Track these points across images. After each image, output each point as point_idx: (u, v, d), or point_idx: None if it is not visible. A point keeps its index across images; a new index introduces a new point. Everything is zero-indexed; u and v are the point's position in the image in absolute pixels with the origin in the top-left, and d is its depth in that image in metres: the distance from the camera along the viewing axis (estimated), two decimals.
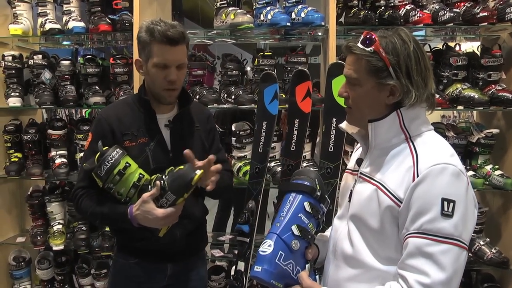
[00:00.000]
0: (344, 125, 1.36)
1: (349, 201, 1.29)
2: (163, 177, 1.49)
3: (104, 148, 1.54)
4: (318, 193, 1.26)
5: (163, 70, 1.59)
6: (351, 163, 1.41)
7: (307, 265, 1.26)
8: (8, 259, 2.81)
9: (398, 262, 1.13)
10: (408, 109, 1.18)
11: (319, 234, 1.44)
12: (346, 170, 1.42)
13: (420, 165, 1.12)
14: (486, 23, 2.22)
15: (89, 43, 3.16)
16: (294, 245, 1.21)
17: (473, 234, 2.28)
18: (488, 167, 2.38)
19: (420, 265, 1.07)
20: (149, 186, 1.52)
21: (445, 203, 1.07)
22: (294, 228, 1.22)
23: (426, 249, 1.07)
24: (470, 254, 2.35)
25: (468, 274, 2.50)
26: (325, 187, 1.32)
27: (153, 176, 1.55)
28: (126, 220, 1.53)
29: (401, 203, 1.12)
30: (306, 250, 1.25)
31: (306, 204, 1.25)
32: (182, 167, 1.49)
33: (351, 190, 1.30)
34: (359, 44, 1.18)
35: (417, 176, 1.10)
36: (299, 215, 1.24)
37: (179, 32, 1.57)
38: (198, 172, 1.45)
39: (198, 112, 1.84)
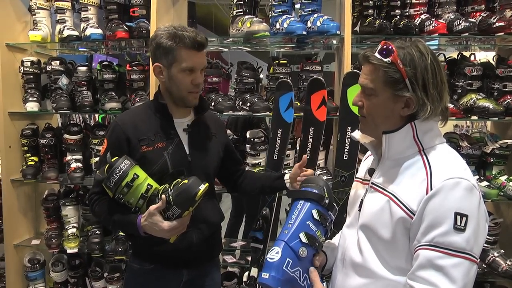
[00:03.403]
0: (356, 134, 1.36)
1: (359, 210, 1.29)
2: (169, 190, 1.50)
3: (113, 160, 1.55)
4: (326, 201, 1.27)
5: (190, 74, 1.64)
6: (360, 172, 1.41)
7: None
8: (24, 261, 2.85)
9: (408, 273, 1.13)
10: (422, 121, 1.18)
11: (327, 241, 1.44)
12: (356, 179, 1.42)
13: (433, 178, 1.12)
14: (502, 33, 2.22)
15: (104, 49, 3.21)
16: (301, 252, 1.21)
17: (487, 246, 2.32)
18: (503, 178, 2.37)
19: (431, 277, 1.07)
20: (157, 198, 1.53)
21: (458, 217, 1.07)
22: (302, 235, 1.23)
23: (438, 261, 1.07)
24: (484, 266, 2.33)
25: (481, 286, 2.48)
26: (333, 195, 1.33)
27: (161, 187, 1.57)
28: (134, 228, 1.57)
29: (414, 215, 1.12)
30: (313, 257, 1.25)
31: (314, 211, 1.26)
32: (186, 180, 1.49)
33: (362, 200, 1.30)
34: (376, 54, 1.18)
35: (431, 189, 1.10)
36: (307, 222, 1.25)
37: (204, 38, 1.64)
38: (202, 186, 1.47)
39: (214, 120, 1.89)
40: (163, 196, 1.50)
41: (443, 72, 1.20)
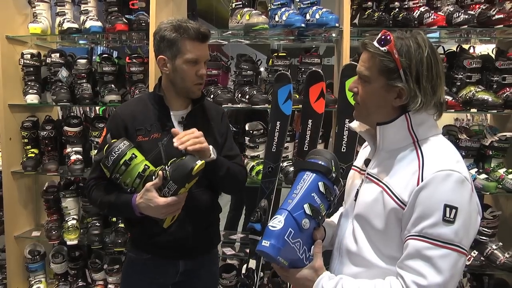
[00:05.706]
0: (353, 124, 1.37)
1: (355, 200, 1.31)
2: (166, 167, 1.54)
3: (112, 141, 1.60)
4: (334, 175, 1.26)
5: (194, 65, 1.67)
6: (358, 161, 1.42)
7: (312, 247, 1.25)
8: (24, 253, 2.87)
9: (397, 261, 1.15)
10: (416, 113, 1.19)
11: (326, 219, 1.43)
12: (353, 167, 1.42)
13: (425, 170, 1.13)
14: (502, 26, 2.21)
15: (104, 42, 3.21)
16: (304, 224, 1.20)
17: (485, 238, 2.33)
18: (501, 171, 2.37)
19: (418, 267, 1.10)
20: (153, 177, 1.56)
21: (448, 209, 1.08)
22: (306, 206, 1.21)
23: (425, 252, 1.09)
24: (482, 258, 2.34)
25: (480, 279, 2.49)
26: (340, 169, 1.30)
27: (157, 168, 1.59)
28: (129, 208, 1.59)
29: (405, 206, 1.14)
30: (314, 230, 1.25)
31: (320, 184, 1.24)
32: (183, 157, 1.52)
33: (358, 190, 1.31)
34: (374, 43, 1.19)
35: (422, 181, 1.12)
36: (312, 194, 1.23)
37: (208, 30, 1.67)
38: (199, 162, 1.49)
39: (213, 110, 1.87)
40: (160, 172, 1.53)
41: (441, 67, 1.19)
